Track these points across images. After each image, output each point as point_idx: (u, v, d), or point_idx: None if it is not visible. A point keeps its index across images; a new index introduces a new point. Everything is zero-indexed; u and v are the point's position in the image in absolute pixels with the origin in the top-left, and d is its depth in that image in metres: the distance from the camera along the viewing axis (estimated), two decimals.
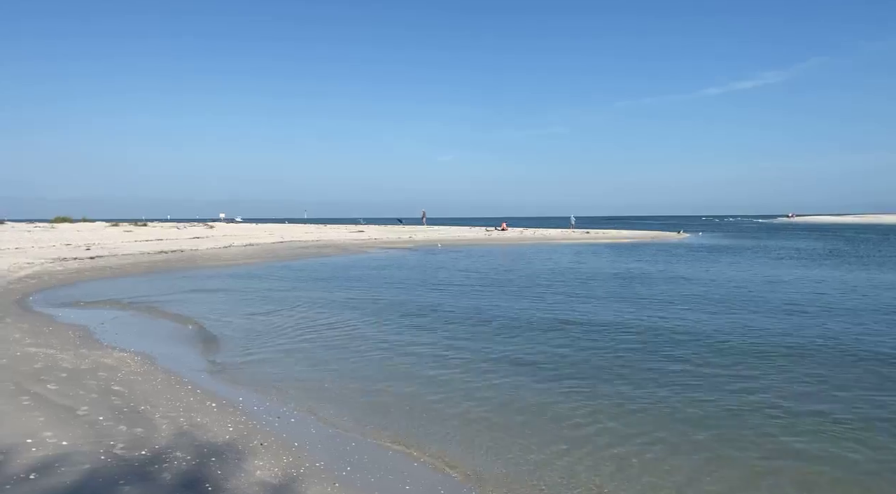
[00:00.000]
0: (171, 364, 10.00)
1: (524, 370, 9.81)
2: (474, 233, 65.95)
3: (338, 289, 20.42)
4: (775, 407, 7.80)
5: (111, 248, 33.72)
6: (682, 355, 10.68)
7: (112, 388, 8.13)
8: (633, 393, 8.48)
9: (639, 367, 9.87)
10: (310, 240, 50.58)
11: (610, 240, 56.02)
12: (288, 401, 8.16)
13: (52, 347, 10.63)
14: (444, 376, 9.50)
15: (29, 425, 6.31)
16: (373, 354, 11.03)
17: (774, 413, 7.58)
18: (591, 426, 7.24)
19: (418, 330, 13.28)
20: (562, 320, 14.14)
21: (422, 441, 6.77)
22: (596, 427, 7.18)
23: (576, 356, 10.70)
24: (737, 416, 7.50)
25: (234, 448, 6.17)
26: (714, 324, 13.53)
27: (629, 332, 12.75)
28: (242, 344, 11.81)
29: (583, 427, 7.19)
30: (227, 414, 7.39)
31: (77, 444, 5.85)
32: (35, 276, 21.53)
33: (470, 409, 7.89)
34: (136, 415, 6.98)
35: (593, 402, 8.09)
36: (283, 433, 6.85)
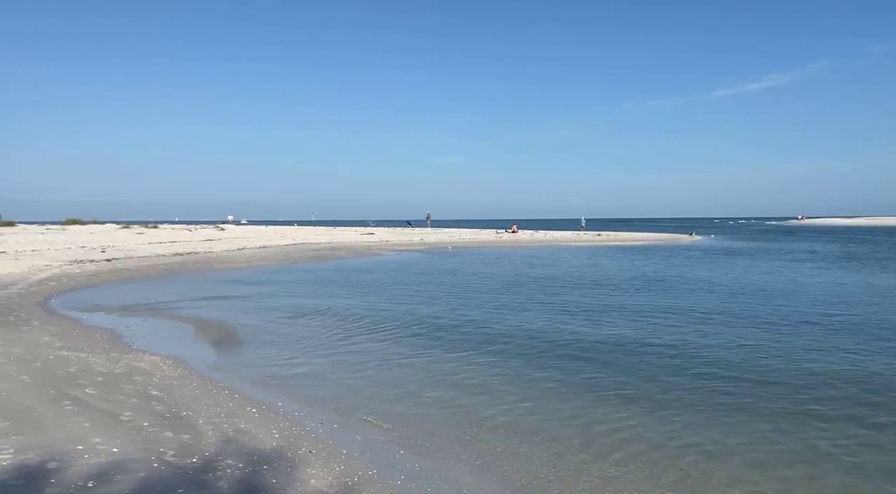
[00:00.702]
0: (203, 368, 9.92)
1: (576, 384, 9.48)
2: (485, 236, 65.86)
3: (359, 293, 20.34)
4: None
5: (126, 250, 33.81)
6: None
7: (150, 393, 8.05)
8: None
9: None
10: (321, 242, 50.59)
11: (622, 243, 55.77)
12: (326, 407, 8.05)
13: (83, 350, 10.57)
14: (487, 385, 9.33)
15: (76, 431, 6.23)
16: (408, 361, 10.89)
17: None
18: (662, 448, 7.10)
19: (453, 338, 12.99)
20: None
21: (471, 451, 6.64)
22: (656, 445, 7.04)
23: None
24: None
25: (284, 456, 6.06)
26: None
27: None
28: (273, 349, 11.72)
29: (652, 453, 7.05)
30: (270, 420, 7.29)
31: (127, 451, 5.76)
32: (54, 278, 21.56)
33: (518, 419, 7.76)
34: (180, 421, 6.89)
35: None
36: (329, 440, 6.74)
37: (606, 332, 12.95)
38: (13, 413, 6.70)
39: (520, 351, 11.46)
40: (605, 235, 66.00)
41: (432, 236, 63.21)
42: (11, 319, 13.37)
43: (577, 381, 9.34)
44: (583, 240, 59.98)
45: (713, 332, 12.87)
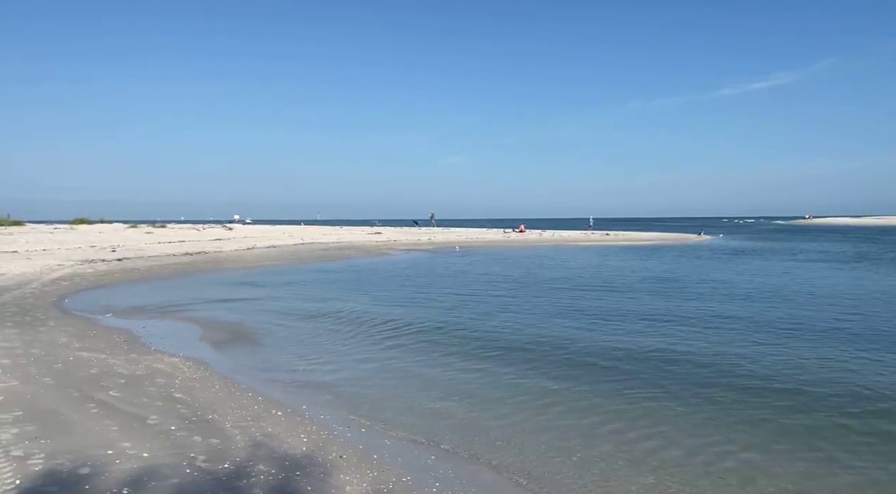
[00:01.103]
0: (224, 370, 9.83)
1: (605, 393, 9.28)
2: (492, 235, 65.71)
3: (374, 294, 20.25)
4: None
5: (136, 250, 33.81)
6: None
7: (174, 396, 7.96)
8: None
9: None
10: (329, 242, 50.54)
11: (631, 243, 55.55)
12: (351, 410, 7.95)
13: (102, 352, 10.51)
14: (515, 390, 9.21)
15: (105, 435, 6.14)
16: (430, 365, 10.79)
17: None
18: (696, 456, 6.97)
19: (473, 342, 12.80)
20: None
21: (503, 456, 6.52)
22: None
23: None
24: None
25: (315, 461, 5.96)
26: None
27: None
28: (292, 350, 11.64)
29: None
30: (296, 424, 7.19)
31: (158, 456, 5.67)
32: (67, 278, 21.54)
33: (550, 425, 7.64)
34: (207, 425, 6.80)
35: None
36: (359, 444, 6.63)
37: (631, 340, 12.59)
38: (39, 415, 6.62)
39: (544, 356, 11.28)
40: (614, 235, 65.74)
41: (440, 236, 63.09)
42: (28, 319, 13.33)
43: (605, 390, 9.19)
44: (591, 239, 59.76)
45: (740, 340, 12.31)
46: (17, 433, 6.00)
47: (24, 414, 6.62)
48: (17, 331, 11.83)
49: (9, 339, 10.96)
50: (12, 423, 6.30)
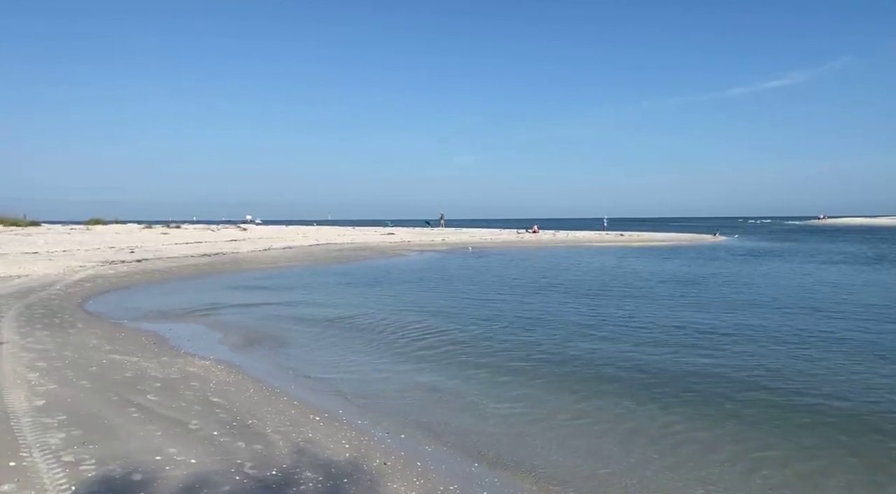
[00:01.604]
0: (256, 373, 9.84)
1: (649, 409, 8.90)
2: (505, 236, 65.60)
3: (397, 296, 20.25)
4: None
5: (154, 251, 34.03)
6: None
7: (211, 400, 7.97)
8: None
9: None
10: (344, 242, 50.66)
11: (646, 244, 55.25)
12: (388, 416, 7.92)
13: (133, 354, 10.55)
14: (545, 399, 9.14)
15: (150, 440, 6.15)
16: (463, 370, 10.74)
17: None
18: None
19: (505, 347, 12.79)
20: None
21: (545, 463, 6.47)
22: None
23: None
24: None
25: (360, 468, 5.93)
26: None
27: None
28: (321, 354, 11.66)
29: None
30: (335, 429, 7.17)
31: (206, 462, 5.66)
32: (90, 280, 21.70)
33: (595, 439, 7.57)
34: (248, 430, 6.79)
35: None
36: (401, 451, 6.60)
37: (660, 350, 12.11)
38: (83, 420, 6.64)
39: (576, 365, 11.11)
40: (628, 235, 65.39)
41: (452, 236, 63.06)
42: (57, 321, 13.42)
43: (641, 398, 9.10)
44: (605, 240, 59.49)
45: (775, 350, 11.72)
46: (64, 438, 6.01)
47: (68, 419, 6.64)
48: (48, 333, 11.91)
49: (42, 342, 11.03)
50: (58, 427, 6.32)
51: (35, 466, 5.24)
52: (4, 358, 9.50)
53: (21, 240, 36.77)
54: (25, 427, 6.27)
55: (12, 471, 5.11)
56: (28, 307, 15.17)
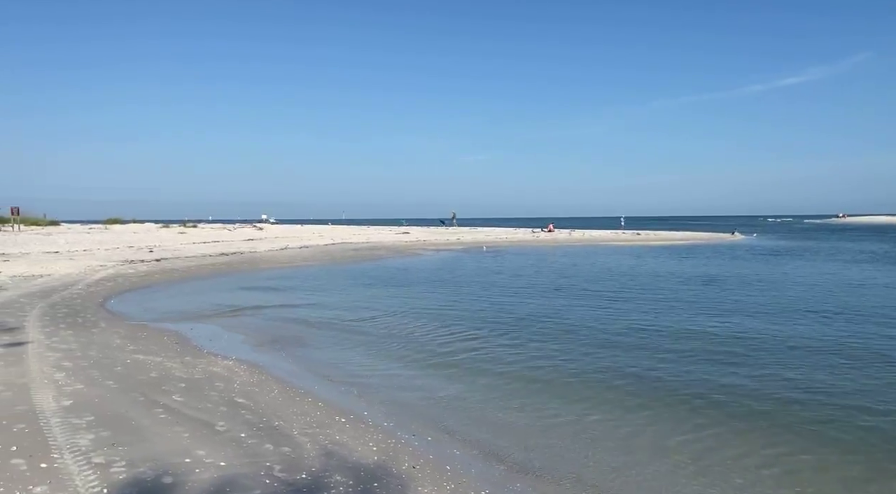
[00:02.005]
0: (278, 373, 9.81)
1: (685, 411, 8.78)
2: (521, 235, 65.34)
3: (419, 295, 20.20)
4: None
5: (173, 250, 34.29)
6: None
7: (236, 401, 7.94)
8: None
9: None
10: (359, 241, 50.73)
11: (663, 243, 54.73)
12: (414, 419, 7.84)
13: (157, 354, 10.57)
14: (572, 404, 9.02)
15: (178, 442, 6.12)
16: (488, 368, 10.65)
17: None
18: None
19: (532, 343, 12.71)
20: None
21: (573, 468, 6.35)
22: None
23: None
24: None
25: (390, 472, 5.86)
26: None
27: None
28: (343, 353, 11.63)
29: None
30: (362, 431, 7.11)
31: (234, 465, 5.61)
32: (110, 279, 21.87)
33: (613, 439, 7.45)
34: (275, 432, 6.74)
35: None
36: (429, 454, 6.51)
37: (690, 362, 11.85)
38: (111, 420, 6.63)
39: (604, 369, 11.03)
40: (645, 234, 64.84)
41: (468, 236, 62.93)
42: (80, 321, 13.50)
43: (673, 403, 8.95)
44: (622, 239, 59.03)
45: (810, 363, 11.24)
46: (93, 439, 6.00)
47: (96, 419, 6.63)
48: (72, 333, 11.98)
49: (66, 341, 11.09)
50: (87, 428, 6.31)
51: (66, 468, 5.22)
52: (31, 358, 9.55)
53: (42, 239, 37.26)
54: (55, 427, 6.27)
55: (44, 473, 5.09)
56: (51, 306, 15.30)
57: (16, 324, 12.50)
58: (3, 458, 5.37)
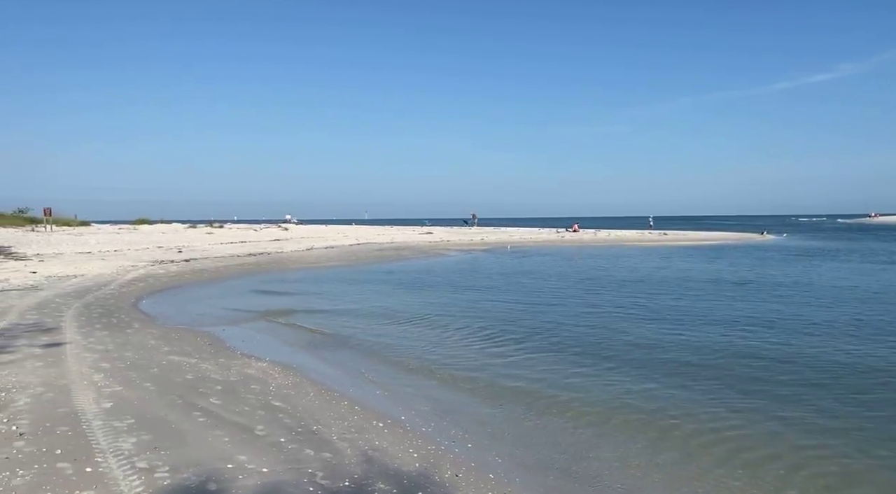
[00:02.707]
0: (313, 376, 9.77)
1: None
2: (545, 235, 64.91)
3: (446, 296, 20.10)
4: None
5: (201, 251, 34.66)
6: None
7: (273, 404, 7.90)
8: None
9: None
10: (384, 241, 50.82)
11: (691, 243, 53.87)
12: (452, 423, 7.71)
13: (191, 356, 10.60)
14: (614, 410, 8.84)
15: (219, 446, 6.07)
16: (523, 372, 10.51)
17: None
18: None
19: (566, 347, 12.55)
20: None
21: (619, 474, 6.18)
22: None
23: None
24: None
25: (433, 480, 5.74)
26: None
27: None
28: (375, 356, 11.56)
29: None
30: (400, 436, 7.01)
31: (277, 471, 5.54)
32: (141, 279, 22.14)
33: (658, 446, 7.24)
34: (314, 437, 6.67)
35: None
36: (471, 461, 6.38)
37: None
38: (151, 424, 6.62)
39: (649, 371, 10.85)
40: (672, 234, 63.94)
41: (492, 236, 62.69)
42: (114, 321, 13.64)
43: (733, 408, 8.71)
44: (648, 239, 58.27)
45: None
46: (135, 442, 5.98)
47: (137, 422, 6.63)
48: (107, 333, 12.09)
49: (102, 342, 11.19)
50: (128, 432, 6.30)
51: (111, 472, 5.20)
52: (70, 359, 9.64)
53: (74, 239, 37.96)
54: (97, 430, 6.27)
55: (90, 477, 5.07)
56: (86, 306, 15.49)
57: (53, 325, 12.67)
58: (50, 461, 5.37)
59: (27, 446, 5.73)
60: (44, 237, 38.83)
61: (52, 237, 39.15)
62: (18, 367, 8.88)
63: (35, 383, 8.05)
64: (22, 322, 12.81)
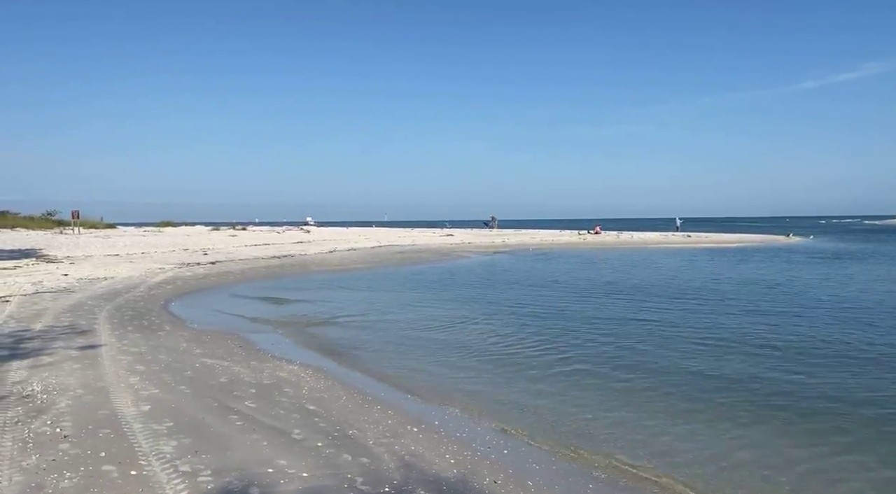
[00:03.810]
0: (345, 379, 9.79)
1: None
2: (567, 237, 64.57)
3: (471, 299, 20.05)
4: None
5: (226, 253, 35.02)
6: None
7: (307, 407, 7.92)
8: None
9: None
10: (405, 244, 50.94)
11: (715, 245, 53.21)
12: (487, 429, 7.67)
13: (224, 358, 10.68)
14: (647, 418, 8.75)
15: (258, 450, 6.10)
16: (560, 377, 10.42)
17: None
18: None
19: (593, 352, 12.50)
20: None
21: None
22: None
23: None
24: None
25: (471, 486, 5.70)
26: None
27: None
28: (405, 359, 11.55)
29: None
30: (435, 441, 6.98)
31: (316, 476, 5.55)
32: (170, 282, 22.41)
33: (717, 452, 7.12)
34: (351, 441, 6.66)
35: None
36: (509, 467, 6.33)
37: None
38: (190, 427, 6.68)
39: (684, 383, 10.72)
40: (695, 236, 63.20)
41: (513, 238, 62.52)
42: (146, 323, 13.81)
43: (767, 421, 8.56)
44: (672, 241, 57.64)
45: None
46: (176, 446, 6.03)
47: (176, 425, 6.69)
48: (140, 336, 12.24)
49: (136, 344, 11.34)
50: (168, 435, 6.36)
51: (155, 476, 5.24)
52: (106, 361, 9.77)
53: (101, 242, 38.64)
54: (138, 433, 6.34)
55: (135, 481, 5.12)
56: (117, 309, 15.71)
57: (87, 327, 12.86)
58: (95, 464, 5.43)
59: (72, 448, 5.81)
60: (72, 239, 39.58)
61: (81, 239, 39.89)
62: (57, 369, 9.03)
63: (74, 385, 8.17)
64: (57, 324, 13.03)
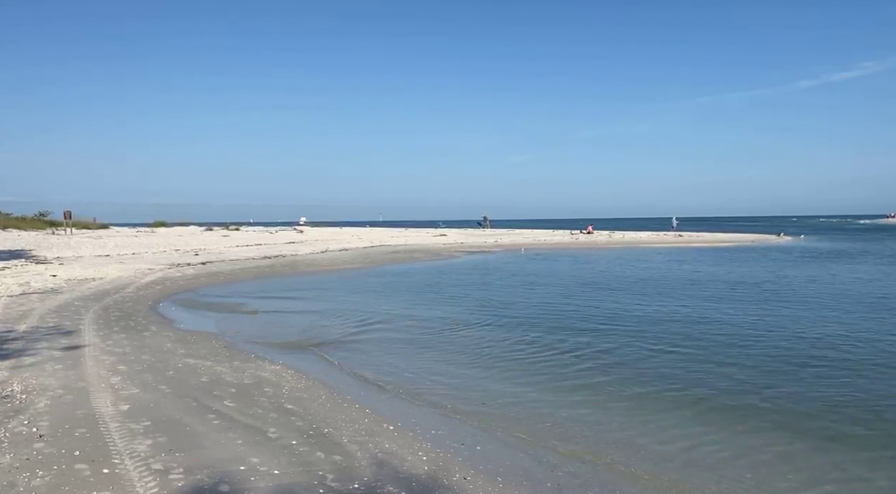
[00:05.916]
0: (324, 379, 9.88)
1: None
2: (559, 237, 64.81)
3: (459, 298, 20.18)
4: None
5: (217, 254, 35.06)
6: None
7: (285, 407, 8.02)
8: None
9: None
10: (398, 244, 51.05)
11: (707, 244, 53.48)
12: (460, 427, 7.78)
13: (206, 358, 10.77)
14: (629, 411, 8.88)
15: (232, 449, 6.20)
16: (542, 377, 10.56)
17: None
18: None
19: (579, 354, 12.64)
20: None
21: (626, 477, 6.21)
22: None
23: None
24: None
25: (442, 483, 5.81)
26: None
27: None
28: (386, 359, 11.64)
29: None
30: (410, 439, 7.08)
31: (288, 473, 5.65)
32: (159, 282, 22.46)
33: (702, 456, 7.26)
34: (325, 440, 6.77)
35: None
36: (479, 464, 6.44)
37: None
38: (166, 426, 6.77)
39: (670, 383, 10.86)
40: (687, 236, 63.50)
41: (506, 238, 62.69)
42: (132, 324, 13.88)
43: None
44: (664, 241, 57.92)
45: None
46: (151, 444, 6.13)
47: (153, 425, 6.78)
48: (125, 336, 12.31)
49: (120, 345, 11.41)
50: (144, 434, 6.45)
51: (127, 474, 5.34)
52: (88, 361, 9.84)
53: (93, 242, 38.58)
54: (114, 432, 6.43)
55: (107, 479, 5.21)
56: (105, 309, 15.77)
57: (72, 328, 12.92)
58: (68, 463, 5.52)
59: (46, 447, 5.90)
60: (64, 240, 39.50)
61: (73, 240, 39.80)
62: (39, 370, 9.09)
63: (55, 385, 8.25)
64: (42, 325, 13.07)
